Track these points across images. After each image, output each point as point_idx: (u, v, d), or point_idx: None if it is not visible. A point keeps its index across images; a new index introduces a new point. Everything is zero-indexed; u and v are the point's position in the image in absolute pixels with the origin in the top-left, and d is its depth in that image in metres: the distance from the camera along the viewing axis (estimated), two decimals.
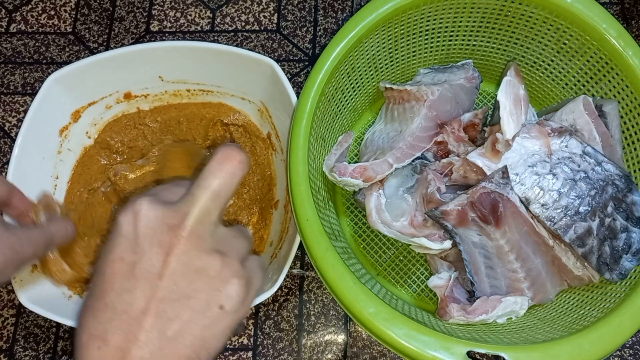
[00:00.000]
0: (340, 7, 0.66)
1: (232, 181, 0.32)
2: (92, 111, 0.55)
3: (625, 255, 0.43)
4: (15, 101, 0.64)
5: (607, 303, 0.41)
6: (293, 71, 0.63)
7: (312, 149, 0.45)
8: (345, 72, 0.49)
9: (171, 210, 0.30)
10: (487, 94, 0.58)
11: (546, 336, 0.40)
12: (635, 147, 0.47)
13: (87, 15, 0.67)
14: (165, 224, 0.30)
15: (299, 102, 0.45)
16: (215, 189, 0.31)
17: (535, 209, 0.43)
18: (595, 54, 0.47)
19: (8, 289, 0.57)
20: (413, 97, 0.50)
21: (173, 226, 0.30)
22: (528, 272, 0.45)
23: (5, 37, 0.66)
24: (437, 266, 0.49)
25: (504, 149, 0.44)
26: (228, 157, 0.32)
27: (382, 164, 0.46)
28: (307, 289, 0.55)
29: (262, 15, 0.66)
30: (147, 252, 0.29)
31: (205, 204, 0.31)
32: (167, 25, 0.66)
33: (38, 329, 0.55)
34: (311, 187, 0.42)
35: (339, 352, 0.53)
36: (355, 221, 0.55)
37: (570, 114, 0.48)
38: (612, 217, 0.44)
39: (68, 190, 0.55)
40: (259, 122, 0.58)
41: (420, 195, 0.47)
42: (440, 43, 0.53)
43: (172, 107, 0.58)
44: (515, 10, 0.48)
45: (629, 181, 0.45)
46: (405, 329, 0.37)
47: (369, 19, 0.46)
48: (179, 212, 0.30)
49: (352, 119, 0.56)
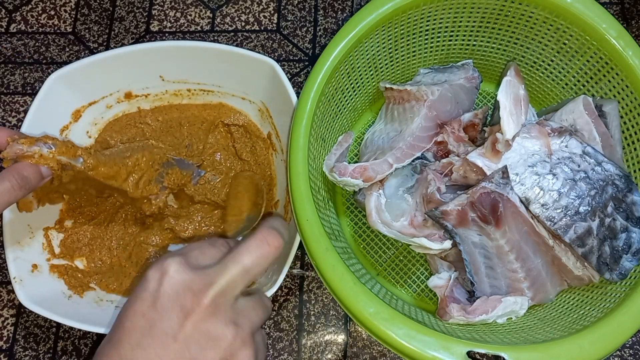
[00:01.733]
0: (340, 7, 0.66)
1: (264, 262, 0.34)
2: (93, 110, 0.56)
3: (625, 255, 0.43)
4: (15, 101, 0.64)
5: (607, 303, 0.41)
6: (293, 71, 0.64)
7: (312, 149, 0.45)
8: (345, 72, 0.49)
9: (198, 277, 0.32)
10: (487, 94, 0.58)
11: (546, 336, 0.40)
12: (635, 147, 0.47)
13: (87, 15, 0.67)
14: (189, 289, 0.31)
15: (299, 102, 0.45)
16: (247, 266, 0.33)
17: (535, 209, 0.43)
18: (595, 54, 0.47)
19: (8, 289, 0.57)
20: (413, 97, 0.50)
21: (196, 292, 0.31)
22: (528, 272, 0.45)
23: (5, 37, 0.66)
24: (437, 266, 0.49)
25: (504, 149, 0.44)
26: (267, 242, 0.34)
27: (382, 164, 0.46)
28: (307, 289, 0.55)
29: (262, 15, 0.66)
30: (167, 312, 0.30)
31: (233, 277, 0.32)
32: (167, 25, 0.66)
33: (38, 329, 0.55)
34: (311, 187, 0.42)
35: (339, 352, 0.53)
36: (355, 221, 0.55)
37: (570, 114, 0.48)
38: (612, 217, 0.44)
39: None
40: (259, 122, 0.58)
41: (420, 195, 0.47)
42: (440, 43, 0.53)
43: (174, 107, 0.58)
44: (515, 10, 0.48)
45: (629, 181, 0.45)
46: (405, 329, 0.37)
47: (369, 19, 0.46)
48: (205, 279, 0.32)
49: (352, 119, 0.56)
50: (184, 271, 0.32)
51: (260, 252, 0.34)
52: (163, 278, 0.31)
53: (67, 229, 0.54)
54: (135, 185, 0.48)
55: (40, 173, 0.40)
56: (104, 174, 0.45)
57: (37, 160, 0.40)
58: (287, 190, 0.45)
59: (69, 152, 0.42)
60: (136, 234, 0.55)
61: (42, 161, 0.40)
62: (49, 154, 0.41)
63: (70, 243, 0.53)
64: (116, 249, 0.55)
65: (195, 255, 0.34)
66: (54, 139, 0.41)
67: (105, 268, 0.54)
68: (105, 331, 0.46)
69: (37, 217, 0.52)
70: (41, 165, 0.40)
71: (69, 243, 0.53)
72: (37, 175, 0.40)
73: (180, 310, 0.30)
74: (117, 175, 0.46)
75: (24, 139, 0.40)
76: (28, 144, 0.40)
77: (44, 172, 0.41)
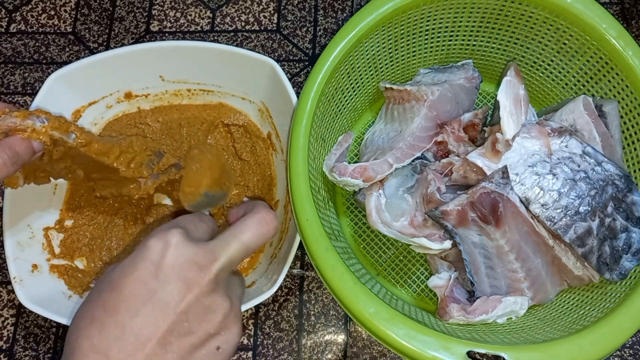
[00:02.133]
0: (340, 7, 0.66)
1: (262, 241, 0.35)
2: (93, 110, 0.56)
3: (625, 255, 0.43)
4: (15, 101, 0.64)
5: (607, 303, 0.41)
6: (293, 71, 0.64)
7: (312, 149, 0.45)
8: (345, 72, 0.49)
9: (202, 251, 0.32)
10: (487, 94, 0.58)
11: (546, 336, 0.40)
12: (635, 147, 0.47)
13: (87, 15, 0.67)
14: (194, 263, 0.32)
15: (299, 102, 0.45)
16: (247, 243, 0.34)
17: (535, 209, 0.43)
18: (595, 54, 0.47)
19: (8, 289, 0.57)
20: (413, 97, 0.50)
21: (202, 266, 0.32)
22: (528, 272, 0.45)
23: (5, 37, 0.66)
24: (437, 266, 0.49)
25: (504, 149, 0.44)
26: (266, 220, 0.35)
27: (382, 164, 0.46)
28: (307, 289, 0.55)
29: (262, 15, 0.66)
30: (170, 283, 0.31)
31: (234, 253, 0.33)
32: (167, 25, 0.66)
33: (38, 329, 0.55)
34: (311, 187, 0.42)
35: (339, 352, 0.53)
36: (355, 221, 0.55)
37: (570, 114, 0.48)
38: (612, 217, 0.44)
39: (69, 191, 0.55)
40: (259, 122, 0.58)
41: (420, 195, 0.47)
42: (440, 43, 0.53)
43: (174, 108, 0.58)
44: (515, 10, 0.48)
45: (629, 181, 0.45)
46: (405, 329, 0.37)
47: (369, 19, 0.46)
48: (210, 254, 0.32)
49: (352, 119, 0.56)
50: (188, 244, 0.32)
51: (260, 231, 0.35)
52: (167, 249, 0.31)
53: (67, 229, 0.54)
54: (127, 164, 0.47)
55: (32, 148, 0.39)
56: (97, 150, 0.44)
57: (30, 135, 0.39)
58: (287, 190, 0.45)
59: (61, 127, 0.41)
60: (136, 234, 0.55)
61: (34, 135, 0.39)
62: (42, 128, 0.39)
63: (70, 243, 0.53)
64: (116, 249, 0.55)
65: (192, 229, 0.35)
66: (47, 113, 0.40)
67: (105, 268, 0.54)
68: None
69: (37, 217, 0.52)
70: (33, 139, 0.39)
71: (69, 243, 0.53)
72: (29, 150, 0.39)
73: (184, 282, 0.31)
74: (109, 152, 0.45)
75: (16, 112, 0.39)
76: (21, 117, 0.38)
77: (35, 147, 0.39)
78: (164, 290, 0.31)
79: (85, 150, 0.43)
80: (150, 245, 0.32)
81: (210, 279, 0.32)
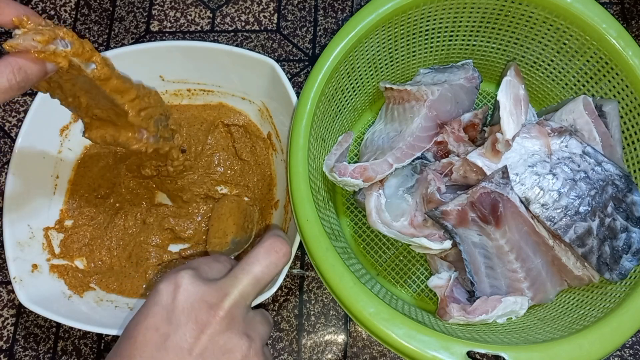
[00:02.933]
0: (340, 7, 0.66)
1: (273, 270, 0.34)
2: None
3: (625, 255, 0.43)
4: (15, 101, 0.64)
5: (607, 303, 0.41)
6: (293, 71, 0.64)
7: (312, 149, 0.45)
8: (345, 72, 0.49)
9: (212, 289, 0.32)
10: (487, 94, 0.58)
11: (546, 336, 0.40)
12: (635, 147, 0.47)
13: (87, 15, 0.67)
14: (204, 302, 0.31)
15: (299, 102, 0.45)
16: (257, 275, 0.33)
17: (535, 209, 0.43)
18: (595, 54, 0.47)
19: (8, 289, 0.57)
20: (413, 97, 0.50)
21: (212, 305, 0.31)
22: (528, 272, 0.45)
23: (6, 38, 0.66)
24: (437, 266, 0.49)
25: (504, 149, 0.44)
26: (274, 248, 0.34)
27: (382, 164, 0.46)
28: (307, 289, 0.55)
29: (262, 15, 0.66)
30: (182, 326, 0.30)
31: (245, 288, 0.33)
32: (167, 25, 0.66)
33: (38, 329, 0.55)
34: (311, 187, 0.42)
35: (339, 352, 0.53)
36: (355, 221, 0.55)
37: (570, 114, 0.48)
38: (612, 217, 0.44)
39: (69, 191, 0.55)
40: (259, 122, 0.58)
41: (420, 195, 0.47)
42: (440, 43, 0.53)
43: (173, 108, 0.58)
44: (515, 10, 0.48)
45: (629, 181, 0.45)
46: (405, 329, 0.37)
47: (369, 19, 0.46)
48: (219, 291, 0.32)
49: (352, 119, 0.56)
50: (198, 283, 0.32)
51: (269, 260, 0.34)
52: (177, 291, 0.31)
53: (67, 229, 0.54)
54: (138, 111, 0.43)
55: (45, 71, 0.34)
56: (113, 86, 0.40)
57: (47, 57, 0.34)
58: (287, 190, 0.45)
59: (84, 55, 0.36)
60: (136, 234, 0.55)
61: (51, 58, 0.34)
62: (63, 52, 0.35)
63: (70, 243, 0.53)
64: (116, 249, 0.55)
65: (204, 269, 0.34)
66: (72, 36, 0.36)
67: (105, 268, 0.54)
68: (105, 331, 0.46)
69: (37, 217, 0.52)
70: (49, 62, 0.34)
71: (69, 243, 0.53)
72: (41, 73, 0.34)
73: (196, 323, 0.30)
74: (125, 92, 0.41)
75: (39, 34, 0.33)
76: (44, 42, 0.34)
77: (49, 69, 0.34)
78: (177, 334, 0.30)
79: (101, 84, 0.39)
80: (160, 289, 0.32)
81: (222, 317, 0.31)
